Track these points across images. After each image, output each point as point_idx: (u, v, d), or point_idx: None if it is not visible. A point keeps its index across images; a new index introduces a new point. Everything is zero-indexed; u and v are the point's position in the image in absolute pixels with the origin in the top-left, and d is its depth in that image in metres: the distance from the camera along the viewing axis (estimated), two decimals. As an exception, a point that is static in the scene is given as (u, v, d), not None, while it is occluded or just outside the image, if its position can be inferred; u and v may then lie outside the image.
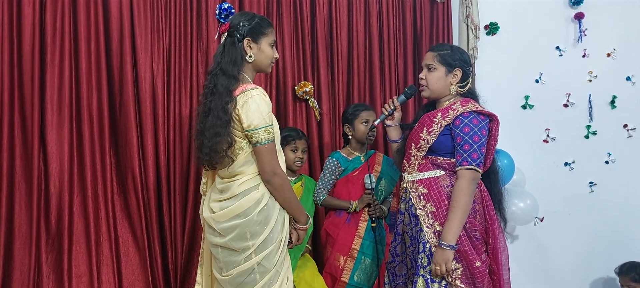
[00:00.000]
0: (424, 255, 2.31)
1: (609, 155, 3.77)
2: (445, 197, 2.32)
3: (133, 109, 3.01)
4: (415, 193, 2.38)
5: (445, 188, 2.34)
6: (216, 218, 2.18)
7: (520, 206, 3.39)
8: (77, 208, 2.95)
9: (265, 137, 2.11)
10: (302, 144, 2.92)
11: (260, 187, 2.16)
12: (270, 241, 2.16)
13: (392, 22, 3.51)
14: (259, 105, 2.11)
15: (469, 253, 2.26)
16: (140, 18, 3.02)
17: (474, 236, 2.32)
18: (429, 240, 2.30)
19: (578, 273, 3.78)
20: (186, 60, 3.13)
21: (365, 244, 2.87)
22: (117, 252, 3.01)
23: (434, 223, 2.30)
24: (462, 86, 2.41)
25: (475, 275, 2.27)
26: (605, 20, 3.73)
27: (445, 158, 2.36)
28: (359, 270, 2.86)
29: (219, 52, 2.23)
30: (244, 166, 2.16)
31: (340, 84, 3.41)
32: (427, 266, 2.29)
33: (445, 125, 2.34)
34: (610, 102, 3.77)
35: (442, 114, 2.36)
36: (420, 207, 2.35)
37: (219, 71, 2.17)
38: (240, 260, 2.15)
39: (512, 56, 3.70)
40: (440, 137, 2.35)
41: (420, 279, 2.30)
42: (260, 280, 2.15)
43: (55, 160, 2.91)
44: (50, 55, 2.89)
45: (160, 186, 3.07)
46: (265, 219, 2.15)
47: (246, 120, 2.10)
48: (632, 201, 3.75)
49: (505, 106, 3.36)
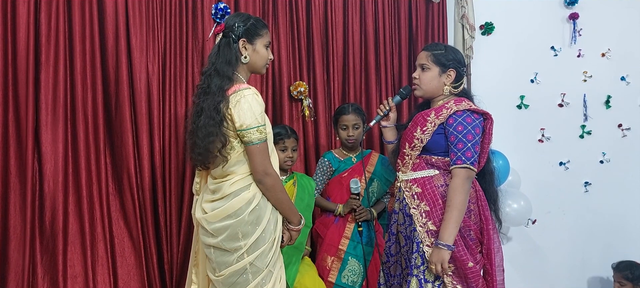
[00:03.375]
0: (417, 255, 2.30)
1: (604, 155, 3.79)
2: (439, 197, 2.31)
3: (128, 108, 3.00)
4: (409, 193, 2.38)
5: (439, 187, 2.34)
6: (208, 218, 2.18)
7: (514, 207, 3.39)
8: (72, 209, 2.93)
9: (258, 137, 2.11)
10: (292, 143, 2.84)
11: (252, 187, 2.16)
12: (262, 241, 2.16)
13: (387, 22, 3.51)
14: (251, 105, 2.11)
15: (462, 253, 2.25)
16: (135, 17, 3.01)
17: (468, 236, 2.32)
18: (422, 240, 2.29)
19: (573, 273, 3.80)
20: (182, 60, 3.13)
21: (352, 245, 2.87)
22: (113, 252, 3.00)
23: (427, 223, 2.30)
24: (456, 87, 2.41)
25: (468, 275, 2.26)
26: (600, 21, 3.74)
27: (440, 158, 2.36)
28: (347, 271, 2.86)
29: (214, 52, 2.24)
30: (235, 166, 2.17)
31: (336, 83, 3.41)
32: (421, 266, 2.29)
33: (439, 124, 2.33)
34: (604, 102, 3.78)
35: (436, 113, 2.35)
36: (414, 206, 2.35)
37: (213, 71, 2.17)
38: (233, 260, 2.15)
39: (508, 56, 3.70)
40: (435, 136, 2.34)
41: (413, 279, 2.29)
42: (253, 280, 2.16)
43: (50, 160, 2.90)
44: (44, 55, 2.88)
45: (155, 186, 3.07)
46: (256, 219, 2.15)
47: (238, 120, 2.10)
48: (627, 201, 3.77)
49: (500, 106, 3.36)
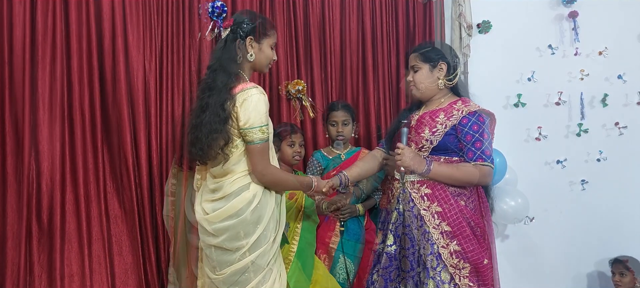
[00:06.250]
0: (433, 257, 2.29)
1: (601, 153, 3.79)
2: (450, 196, 2.31)
3: (126, 106, 2.99)
4: (418, 194, 2.35)
5: (449, 187, 2.33)
6: (210, 219, 2.17)
7: (511, 204, 3.39)
8: (69, 207, 2.92)
9: (260, 137, 2.11)
10: (299, 138, 2.90)
11: (252, 186, 2.16)
12: (263, 239, 2.16)
13: (385, 20, 3.50)
14: (257, 104, 2.11)
15: (477, 252, 2.26)
16: (132, 16, 3.01)
17: (478, 233, 2.32)
18: (436, 241, 2.29)
19: (569, 271, 3.81)
20: (178, 58, 3.12)
21: (341, 242, 2.88)
22: (110, 251, 2.99)
23: (441, 224, 2.29)
24: (450, 79, 2.41)
25: (483, 272, 2.27)
26: (597, 19, 3.74)
27: (448, 158, 2.36)
28: (338, 269, 2.86)
29: (220, 47, 2.21)
30: (235, 165, 2.16)
31: (334, 82, 3.41)
32: (437, 268, 2.28)
33: (451, 126, 2.33)
34: (601, 101, 3.78)
35: (446, 114, 2.34)
36: (425, 207, 2.33)
37: (219, 67, 2.15)
38: (234, 259, 2.15)
39: (504, 54, 3.70)
40: (445, 137, 2.34)
41: (430, 281, 2.28)
42: (254, 279, 2.16)
43: (47, 158, 2.89)
44: (41, 53, 2.87)
45: (153, 184, 3.06)
46: (258, 218, 2.15)
47: (243, 118, 2.09)
48: (623, 199, 3.77)
49: (497, 104, 3.37)
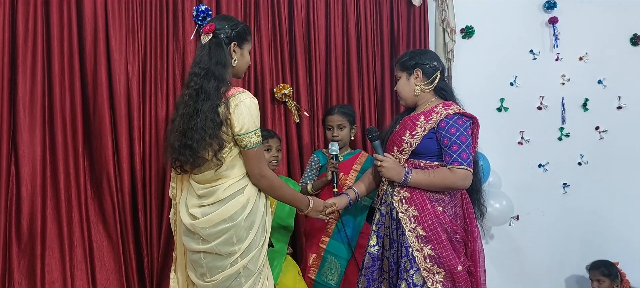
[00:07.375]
0: (407, 260, 2.30)
1: (582, 156, 3.84)
2: (427, 201, 2.32)
3: (107, 111, 2.97)
4: (397, 197, 2.37)
5: (428, 192, 2.34)
6: (201, 224, 2.13)
7: (496, 207, 3.43)
8: (50, 213, 2.89)
9: (255, 141, 2.11)
10: (276, 143, 2.89)
11: (246, 191, 2.14)
12: (254, 245, 2.15)
13: (369, 25, 3.52)
14: (250, 109, 2.10)
15: (451, 258, 2.26)
16: (114, 19, 2.98)
17: (455, 239, 2.33)
18: (411, 245, 2.29)
19: (552, 273, 3.84)
20: (162, 61, 3.10)
21: (332, 244, 2.87)
22: (91, 256, 2.96)
23: (416, 228, 2.30)
24: (428, 84, 2.43)
25: (457, 279, 2.28)
26: (577, 25, 3.80)
27: (428, 162, 2.37)
28: (325, 269, 2.87)
29: (205, 53, 2.15)
30: (228, 170, 2.14)
31: (319, 86, 3.40)
32: (410, 270, 2.29)
33: (429, 129, 2.34)
34: (582, 105, 3.84)
35: (425, 117, 2.36)
36: (402, 210, 2.34)
37: (206, 73, 2.11)
38: (226, 264, 2.12)
39: (488, 59, 3.74)
40: (425, 140, 2.35)
41: (403, 283, 2.29)
42: (245, 284, 2.14)
43: (28, 163, 2.85)
44: (22, 57, 2.83)
45: (135, 189, 3.03)
46: (251, 224, 2.14)
47: (237, 124, 2.08)
48: (604, 202, 3.83)
49: (480, 109, 3.35)
